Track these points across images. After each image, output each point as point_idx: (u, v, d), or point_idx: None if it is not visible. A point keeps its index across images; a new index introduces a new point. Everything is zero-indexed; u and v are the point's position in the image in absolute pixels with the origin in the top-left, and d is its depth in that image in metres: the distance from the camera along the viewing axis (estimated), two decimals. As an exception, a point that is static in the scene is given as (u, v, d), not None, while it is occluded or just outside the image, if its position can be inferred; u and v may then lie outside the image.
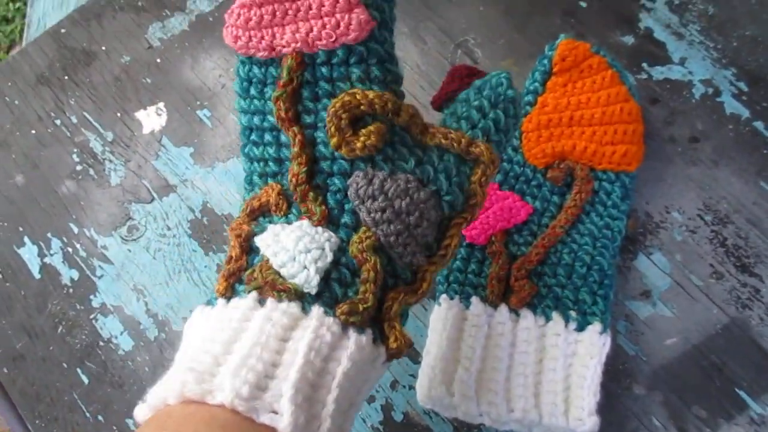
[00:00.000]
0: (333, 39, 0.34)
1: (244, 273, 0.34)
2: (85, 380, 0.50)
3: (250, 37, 0.35)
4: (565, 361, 0.43)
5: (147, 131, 0.56)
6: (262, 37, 0.35)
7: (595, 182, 0.48)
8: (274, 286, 0.32)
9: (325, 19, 0.35)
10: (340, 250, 0.34)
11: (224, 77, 0.57)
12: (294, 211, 0.35)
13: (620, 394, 0.46)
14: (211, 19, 0.60)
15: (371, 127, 0.34)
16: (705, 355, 0.46)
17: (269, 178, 0.37)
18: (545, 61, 0.49)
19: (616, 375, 0.46)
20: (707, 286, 0.48)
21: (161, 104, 0.57)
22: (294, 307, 0.32)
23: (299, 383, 0.29)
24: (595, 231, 0.47)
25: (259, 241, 0.34)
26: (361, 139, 0.34)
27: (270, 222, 0.35)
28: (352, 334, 0.32)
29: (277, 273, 0.33)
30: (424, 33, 0.57)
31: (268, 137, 0.36)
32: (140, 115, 0.57)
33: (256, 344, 0.30)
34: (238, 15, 0.35)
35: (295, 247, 0.33)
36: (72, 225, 0.54)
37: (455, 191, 0.36)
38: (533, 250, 0.47)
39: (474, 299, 0.46)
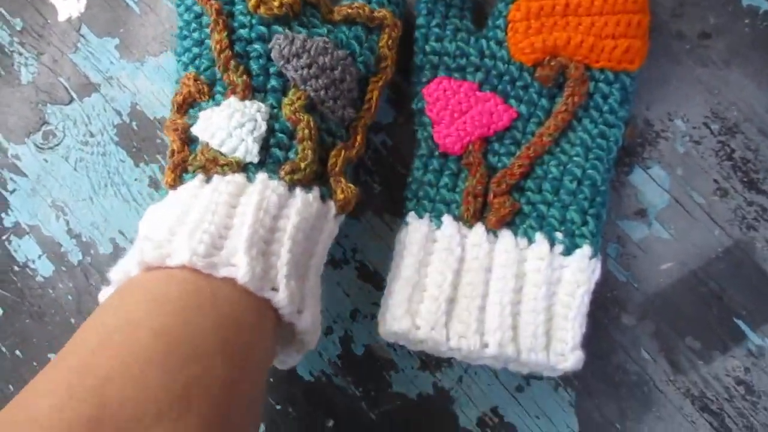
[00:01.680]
0: None
1: (189, 160, 0.36)
2: (0, 311, 0.43)
3: None
4: (549, 290, 0.38)
5: (63, 18, 0.47)
6: None
7: (591, 83, 0.41)
8: (217, 162, 0.35)
9: None
10: (272, 118, 0.37)
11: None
12: (219, 89, 0.37)
13: (607, 324, 0.41)
14: None
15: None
16: (703, 281, 0.41)
17: (189, 66, 0.38)
18: (537, -65, 0.41)
19: (603, 303, 0.41)
20: (709, 205, 0.42)
21: (79, -15, 0.47)
22: (239, 178, 0.35)
23: (252, 238, 0.32)
24: (588, 140, 0.41)
25: (195, 130, 0.36)
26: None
27: (200, 110, 0.37)
28: (299, 192, 0.35)
29: (218, 151, 0.35)
30: None
31: (193, 25, 0.39)
32: (54, -2, 0.47)
33: (207, 211, 0.33)
34: None
35: (228, 124, 0.36)
36: (-23, 130, 0.46)
37: (367, 53, 0.40)
38: (516, 162, 0.40)
39: (446, 218, 0.40)
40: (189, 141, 0.37)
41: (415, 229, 0.40)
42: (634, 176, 0.43)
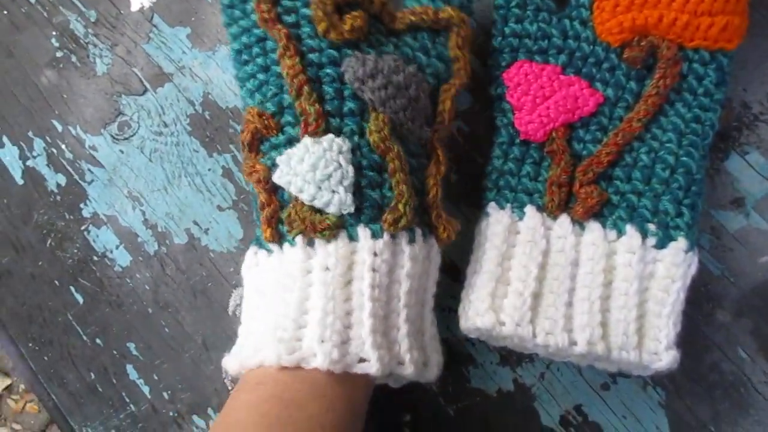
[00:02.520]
0: None
1: (281, 212, 0.35)
2: (80, 299, 0.44)
3: None
4: (641, 285, 0.36)
5: (135, 8, 0.47)
6: None
7: (684, 64, 0.39)
8: (315, 227, 0.34)
9: None
10: (355, 154, 0.35)
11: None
12: (288, 120, 0.36)
13: (700, 321, 0.39)
14: None
15: (354, 12, 0.37)
16: (807, 276, 0.39)
17: (256, 93, 0.37)
18: None
19: (697, 299, 0.39)
20: (814, 193, 0.39)
21: (151, -25, 0.47)
22: (342, 245, 0.34)
23: (374, 325, 0.33)
24: (682, 125, 0.38)
25: (278, 180, 0.35)
26: (348, 21, 0.36)
27: (272, 147, 0.36)
28: (405, 247, 0.35)
29: (312, 208, 0.35)
30: None
31: (256, 49, 0.37)
32: (127, -11, 0.48)
33: (327, 300, 0.33)
34: None
35: (314, 176, 0.35)
36: (55, 122, 0.47)
37: (435, 63, 0.39)
38: (603, 149, 0.38)
39: (529, 208, 0.38)
40: (274, 190, 0.36)
41: (497, 220, 0.38)
42: (730, 163, 0.41)
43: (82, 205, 0.45)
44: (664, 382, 0.39)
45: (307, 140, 0.35)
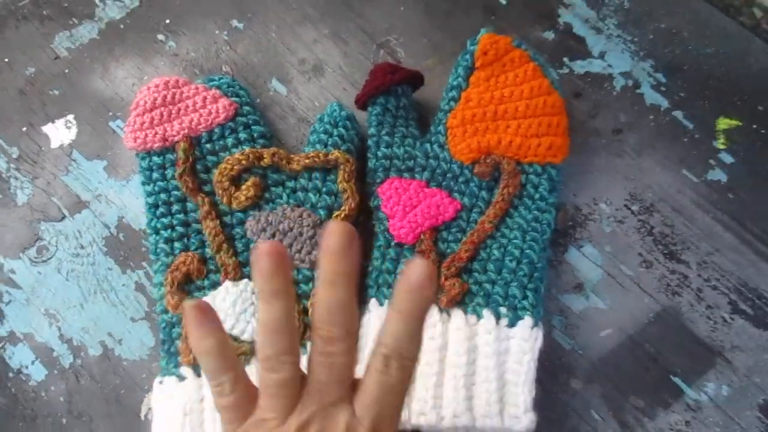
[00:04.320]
0: (209, 123, 0.48)
1: None
2: (-7, 415, 0.46)
3: (146, 135, 0.48)
4: (498, 359, 0.42)
5: (56, 145, 0.53)
6: (156, 133, 0.48)
7: (522, 176, 0.48)
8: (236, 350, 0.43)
9: (201, 110, 0.49)
10: None
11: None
12: (211, 268, 0.46)
13: (558, 390, 0.45)
14: (122, 26, 0.57)
15: (248, 182, 0.47)
16: (639, 345, 0.46)
17: (175, 242, 0.46)
18: (467, 56, 0.49)
19: (554, 370, 0.46)
20: (638, 276, 0.48)
21: (71, 116, 0.54)
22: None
23: None
24: (524, 224, 0.46)
25: None
26: (243, 193, 0.47)
27: (199, 291, 0.46)
28: None
29: (230, 335, 0.42)
30: (346, 34, 0.56)
31: (176, 207, 0.47)
32: (48, 128, 0.53)
33: None
34: (134, 122, 0.48)
35: (234, 310, 0.44)
36: (-25, 249, 0.50)
37: (325, 198, 0.47)
38: (463, 247, 0.46)
39: (405, 302, 0.44)
40: None
41: (377, 315, 0.44)
42: (569, 255, 0.49)
43: (-2, 325, 0.48)
44: (533, 447, 0.44)
45: (228, 284, 0.45)
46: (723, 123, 0.52)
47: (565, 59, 0.54)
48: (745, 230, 0.49)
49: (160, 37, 0.56)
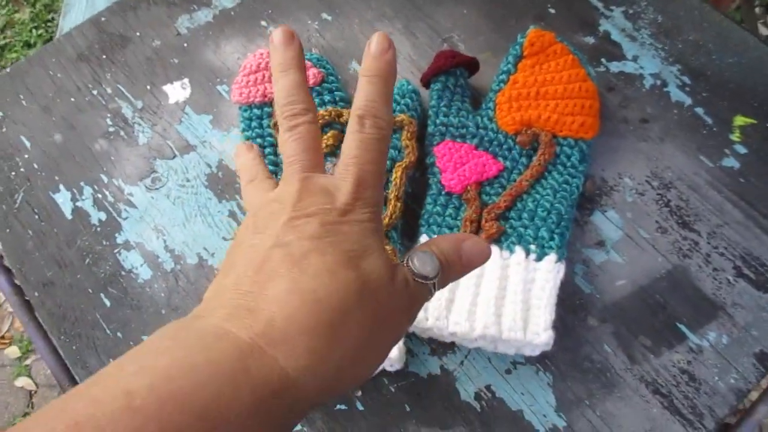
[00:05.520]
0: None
1: None
2: (108, 303, 0.56)
3: (249, 91, 0.59)
4: (525, 287, 0.50)
5: (172, 101, 0.65)
6: (257, 90, 0.59)
7: (557, 147, 0.57)
8: None
9: None
10: None
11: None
12: None
13: (576, 325, 0.53)
14: (232, 13, 0.69)
15: (329, 134, 0.57)
16: (651, 295, 0.53)
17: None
18: (517, 47, 0.59)
19: (574, 309, 0.53)
20: (653, 239, 0.55)
21: (186, 80, 0.66)
22: None
23: None
24: (556, 185, 0.55)
25: None
26: (324, 141, 0.57)
27: None
28: None
29: None
30: (416, 30, 0.67)
31: (268, 149, 0.58)
32: (167, 88, 0.65)
33: None
34: (241, 80, 0.60)
35: None
36: (102, 176, 0.62)
37: (390, 152, 0.55)
38: (502, 198, 0.54)
39: (450, 236, 0.53)
40: None
41: (427, 243, 0.53)
42: (594, 217, 0.57)
43: (116, 235, 0.59)
44: (552, 368, 0.52)
45: None
46: (739, 120, 0.60)
47: (603, 59, 0.63)
48: (752, 208, 0.56)
49: (263, 23, 0.68)
